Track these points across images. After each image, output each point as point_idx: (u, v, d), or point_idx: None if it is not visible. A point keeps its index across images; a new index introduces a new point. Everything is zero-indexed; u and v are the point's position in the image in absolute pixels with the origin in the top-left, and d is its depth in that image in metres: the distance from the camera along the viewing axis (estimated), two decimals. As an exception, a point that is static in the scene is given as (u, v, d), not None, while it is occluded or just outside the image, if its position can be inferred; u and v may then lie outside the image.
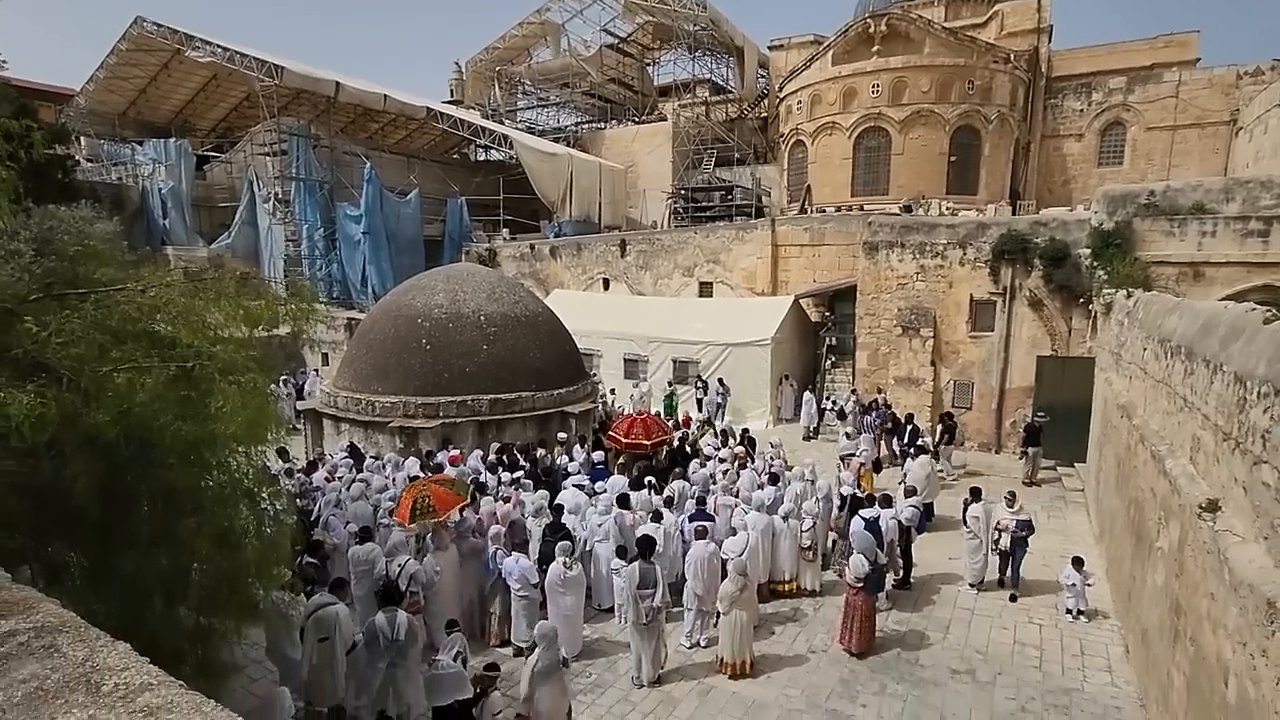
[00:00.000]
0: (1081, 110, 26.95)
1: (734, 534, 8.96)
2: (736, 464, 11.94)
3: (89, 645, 2.48)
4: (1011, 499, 9.65)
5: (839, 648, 8.26)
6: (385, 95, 28.33)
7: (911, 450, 12.71)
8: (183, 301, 5.31)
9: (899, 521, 9.58)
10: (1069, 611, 8.88)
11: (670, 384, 19.04)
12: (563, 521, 8.95)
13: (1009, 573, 9.64)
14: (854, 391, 17.64)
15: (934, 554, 10.71)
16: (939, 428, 14.85)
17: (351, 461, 11.67)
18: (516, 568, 7.98)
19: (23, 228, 6.41)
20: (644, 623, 7.46)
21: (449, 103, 37.36)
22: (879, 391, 16.75)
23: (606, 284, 25.20)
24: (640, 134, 33.97)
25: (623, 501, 9.33)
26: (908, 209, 21.01)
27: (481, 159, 38.34)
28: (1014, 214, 20.58)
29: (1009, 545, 9.47)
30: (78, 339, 4.60)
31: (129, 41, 27.34)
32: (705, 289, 23.22)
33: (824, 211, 23.56)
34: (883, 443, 15.06)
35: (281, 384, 18.51)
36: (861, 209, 22.46)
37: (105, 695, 2.19)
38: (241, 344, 5.33)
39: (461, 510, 8.65)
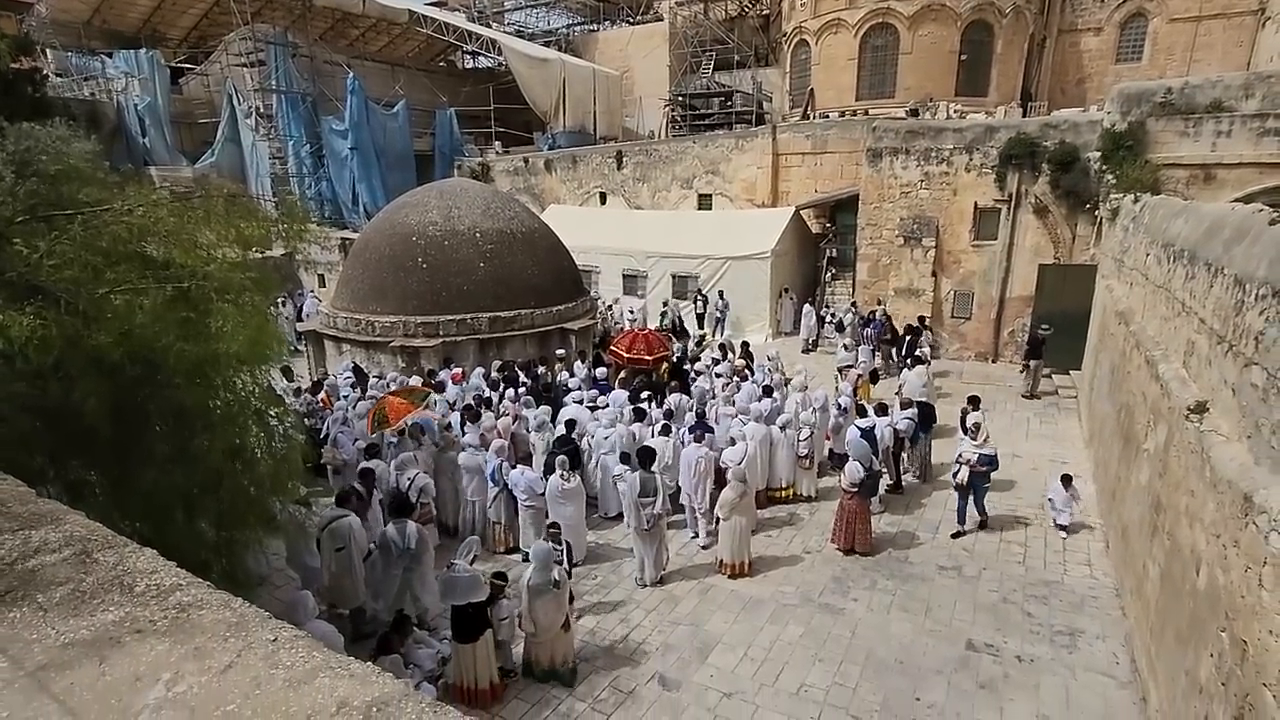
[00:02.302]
0: (1102, 1, 25.41)
1: (733, 444, 9.21)
2: (735, 377, 12.10)
3: (118, 551, 2.61)
4: (975, 430, 8.83)
5: (832, 548, 8.66)
6: (364, -2, 26.69)
7: (909, 361, 12.83)
8: (172, 221, 5.22)
9: (894, 429, 9.81)
10: (1057, 527, 8.86)
11: (666, 302, 18.92)
12: (571, 436, 9.15)
13: (966, 510, 8.93)
14: (854, 304, 17.60)
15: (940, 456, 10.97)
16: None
17: (354, 380, 11.83)
18: (522, 479, 8.26)
19: (-1, 149, 6.21)
20: (645, 529, 7.80)
21: (433, 4, 35.23)
22: (879, 303, 16.72)
23: (604, 198, 24.66)
24: (635, 36, 32.23)
25: (638, 415, 9.56)
26: (914, 113, 20.22)
27: (470, 66, 36.57)
28: (1024, 116, 19.81)
29: (966, 479, 8.66)
30: (69, 261, 4.56)
31: (85, -60, 25.48)
32: (704, 201, 22.73)
33: (827, 117, 22.71)
34: (879, 354, 15.19)
35: (280, 305, 18.45)
36: (866, 114, 21.61)
37: (139, 595, 2.32)
38: (237, 264, 5.29)
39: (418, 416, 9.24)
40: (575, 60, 30.51)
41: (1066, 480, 8.85)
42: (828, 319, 17.61)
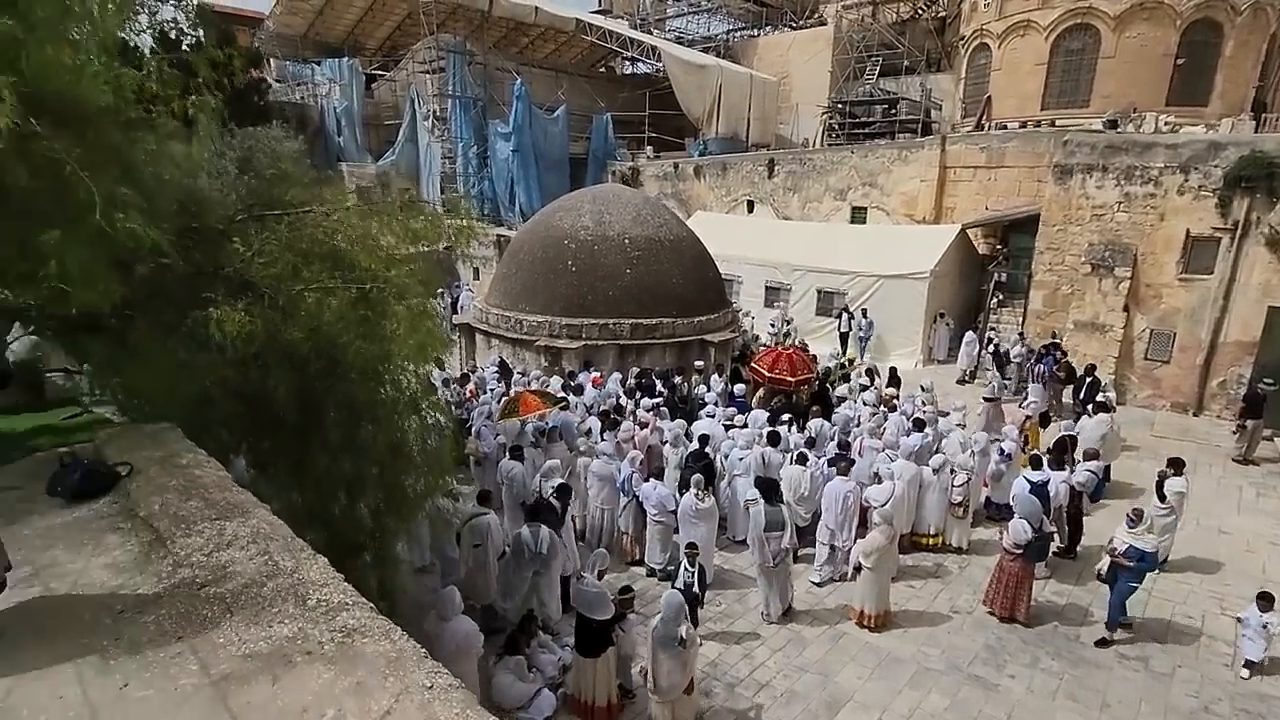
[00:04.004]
0: (1374, -7, 21.16)
1: (878, 481, 8.56)
2: (882, 407, 11.30)
3: (295, 556, 2.72)
4: (1136, 516, 7.14)
5: (985, 611, 7.78)
6: (536, 8, 28.06)
7: (1090, 407, 11.32)
8: (359, 224, 5.61)
9: (1071, 486, 8.66)
10: (1245, 664, 6.75)
11: (789, 320, 18.17)
12: (705, 451, 8.94)
13: (1110, 610, 7.27)
14: (1021, 335, 15.91)
15: (1106, 523, 9.63)
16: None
17: (499, 374, 12.37)
18: (654, 494, 8.15)
19: (228, 148, 6.98)
20: (770, 565, 7.41)
21: (597, 13, 36.43)
22: (1053, 336, 14.97)
23: (751, 206, 24.18)
24: (797, 41, 31.34)
25: (772, 439, 9.17)
26: (1113, 124, 17.91)
27: (628, 73, 37.44)
28: (1258, 130, 16.92)
29: (1106, 571, 7.22)
30: (275, 259, 4.99)
31: (307, -38, 28.88)
32: (858, 214, 21.60)
33: (1005, 128, 20.74)
34: (1051, 394, 13.59)
35: (439, 297, 19.80)
36: (1053, 124, 19.49)
37: (310, 609, 2.39)
38: (409, 260, 5.57)
39: (542, 416, 9.67)
40: (732, 66, 30.22)
41: (1266, 600, 6.75)
42: (991, 349, 16.04)
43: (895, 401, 11.57)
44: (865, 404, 11.38)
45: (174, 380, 4.39)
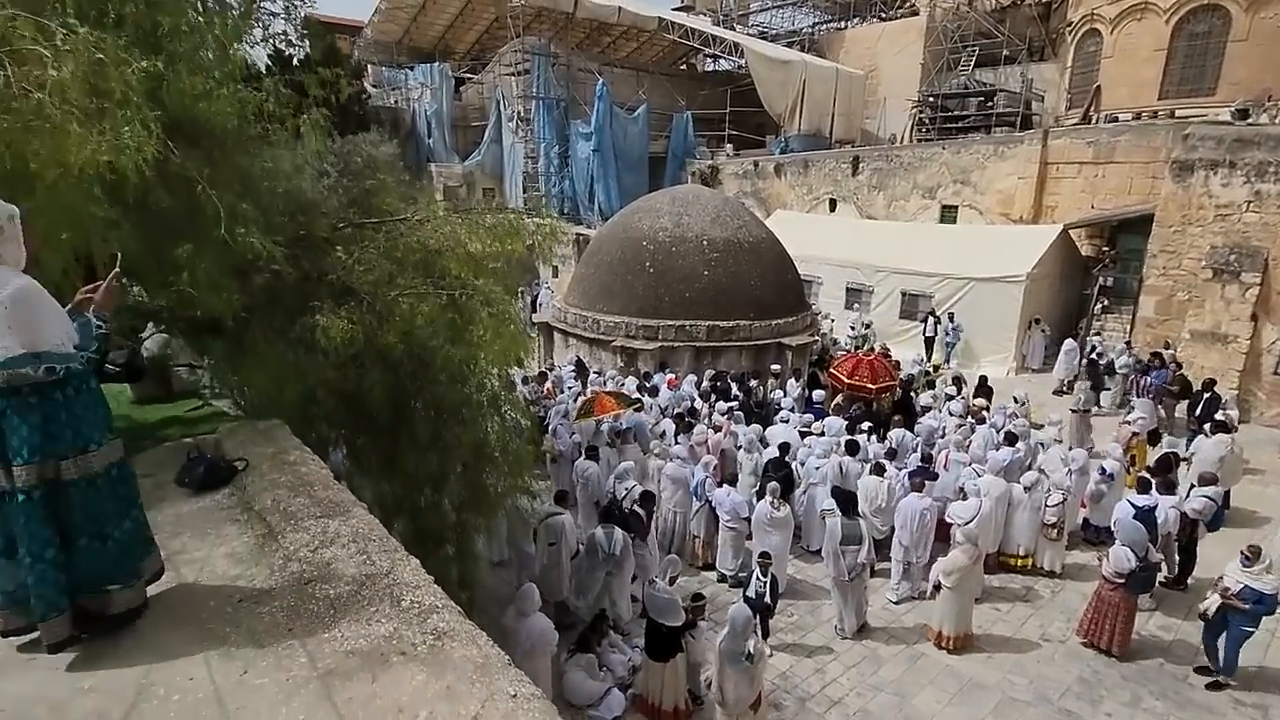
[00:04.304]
0: None
1: (963, 497, 8.20)
2: (970, 418, 10.79)
3: (390, 557, 2.89)
4: (1252, 554, 6.40)
5: (1079, 641, 7.32)
6: (619, 8, 28.32)
7: (1207, 426, 10.40)
8: (449, 231, 5.85)
9: (1183, 513, 8.01)
10: None
11: (869, 325, 17.58)
12: (786, 460, 8.81)
13: (1217, 652, 6.68)
14: (1128, 344, 14.80)
15: (1221, 552, 8.84)
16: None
17: (576, 373, 12.62)
18: (728, 500, 8.12)
19: (330, 153, 7.42)
20: (846, 579, 7.23)
21: (679, 10, 36.37)
22: (1165, 346, 13.85)
23: (833, 205, 23.57)
24: (887, 33, 30.23)
25: (851, 448, 8.95)
26: (1243, 114, 16.31)
27: (709, 69, 37.21)
28: None
29: (1213, 612, 6.49)
30: (373, 266, 5.30)
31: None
32: (948, 214, 20.67)
33: (1116, 120, 19.29)
34: (1162, 409, 12.57)
35: (519, 296, 20.36)
36: (1172, 115, 17.97)
37: (404, 610, 2.54)
38: (493, 257, 5.76)
39: (616, 417, 9.81)
40: (817, 61, 29.50)
41: None
42: (1093, 358, 15.00)
43: (984, 413, 11.02)
44: (951, 414, 10.91)
45: (283, 379, 4.74)
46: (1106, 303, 16.59)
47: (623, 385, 11.61)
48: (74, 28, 2.80)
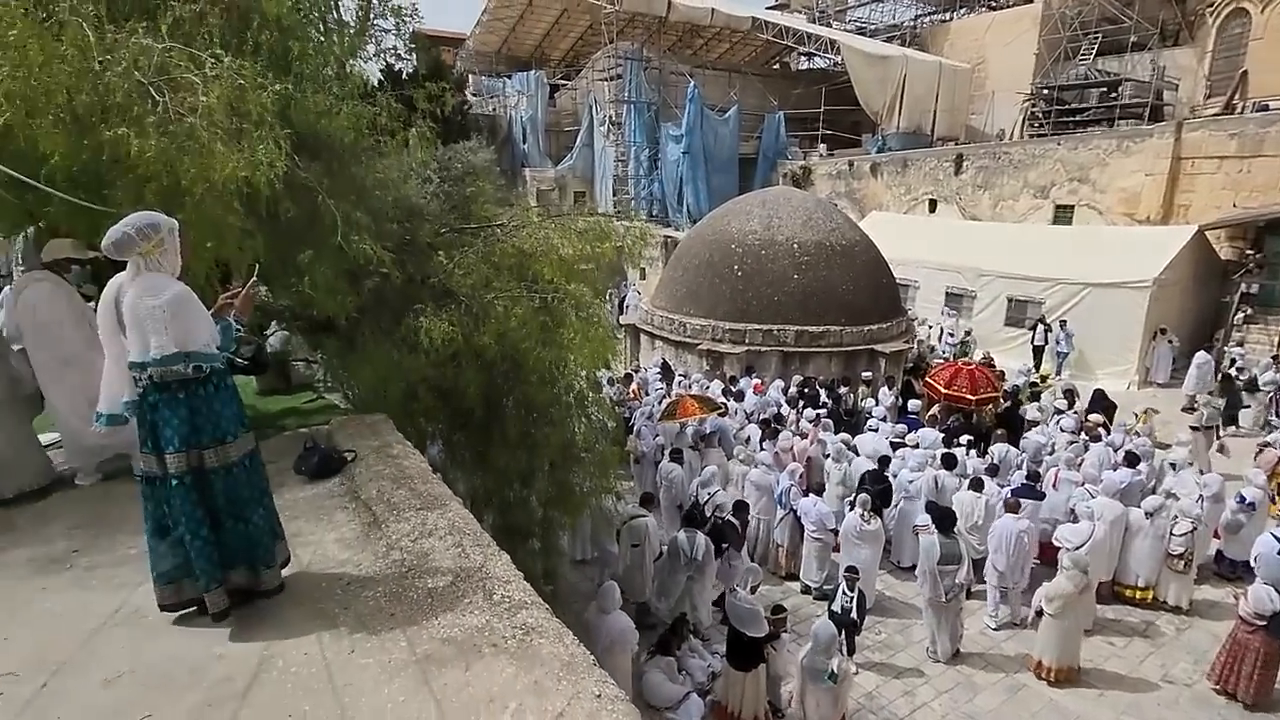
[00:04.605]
0: None
1: (1074, 520, 7.64)
2: (1084, 435, 10.01)
3: (483, 551, 3.02)
4: None
5: (1209, 686, 6.64)
6: (713, 9, 28.22)
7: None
8: (542, 236, 6.04)
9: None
10: None
11: (967, 330, 16.67)
12: (885, 475, 8.50)
13: None
14: (1276, 358, 13.27)
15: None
16: None
17: (661, 375, 12.68)
18: (814, 510, 7.92)
19: (433, 160, 7.79)
20: (942, 600, 6.88)
21: (773, 8, 35.83)
22: (1322, 362, 12.34)
23: (933, 205, 22.51)
24: (997, 22, 28.52)
25: (947, 462, 8.54)
26: None
27: (803, 68, 36.41)
28: None
29: None
30: (471, 270, 5.54)
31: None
32: (1062, 214, 19.27)
33: (1265, 109, 17.35)
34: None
35: (606, 298, 20.67)
36: (1335, 102, 16.00)
37: (495, 604, 2.64)
38: (584, 259, 5.89)
39: (701, 421, 9.84)
40: (918, 55, 28.25)
41: None
42: (1230, 372, 13.56)
43: (1100, 430, 10.19)
44: (1062, 430, 10.16)
45: (388, 376, 5.04)
46: (1249, 312, 14.95)
47: (707, 389, 11.56)
48: (220, 57, 3.12)
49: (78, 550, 3.19)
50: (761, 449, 9.20)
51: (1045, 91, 24.37)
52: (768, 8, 35.71)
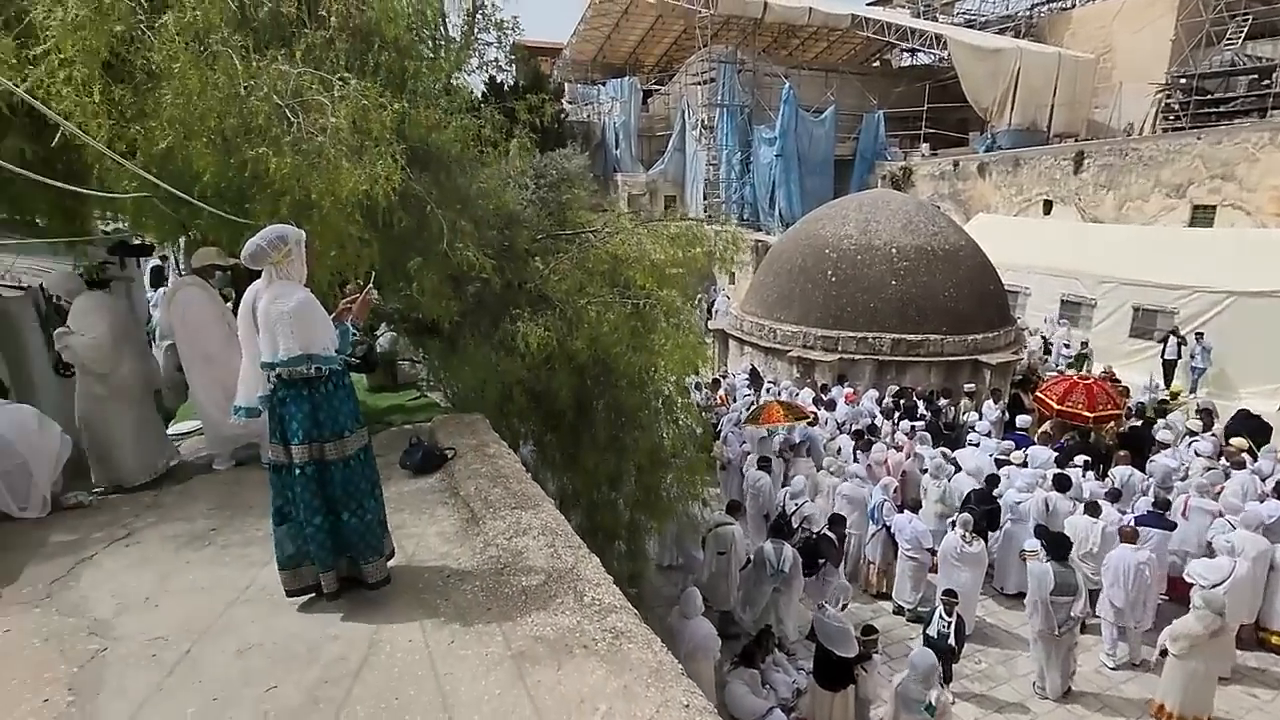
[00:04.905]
0: None
1: (1210, 555, 6.91)
2: (1223, 460, 9.03)
3: (575, 553, 3.09)
4: None
5: (1378, 755, 5.82)
6: (810, 9, 27.62)
7: None
8: (635, 242, 6.11)
9: None
10: None
11: (1083, 341, 15.39)
12: (994, 495, 8.04)
13: None
14: None
15: None
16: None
17: (750, 382, 12.51)
18: (909, 527, 7.58)
19: (530, 167, 8.05)
20: (1055, 634, 6.39)
21: (874, 4, 34.62)
22: None
23: (1048, 207, 21.00)
24: (1126, 8, 26.26)
25: (1060, 484, 7.95)
26: None
27: (905, 65, 34.95)
28: None
29: None
30: (566, 276, 5.69)
31: (600, -8, 32.13)
32: (1201, 215, 17.48)
33: None
34: None
35: (696, 302, 20.63)
36: None
37: (586, 606, 2.70)
38: (675, 265, 5.90)
39: (790, 429, 9.54)
40: (1034, 46, 26.45)
41: None
42: None
43: (1244, 455, 9.14)
44: (1198, 454, 9.21)
45: (486, 378, 5.26)
46: None
47: (797, 396, 11.31)
48: (347, 79, 3.37)
49: (215, 529, 3.52)
50: (854, 461, 8.89)
51: (1183, 81, 22.23)
52: (868, 4, 34.57)
